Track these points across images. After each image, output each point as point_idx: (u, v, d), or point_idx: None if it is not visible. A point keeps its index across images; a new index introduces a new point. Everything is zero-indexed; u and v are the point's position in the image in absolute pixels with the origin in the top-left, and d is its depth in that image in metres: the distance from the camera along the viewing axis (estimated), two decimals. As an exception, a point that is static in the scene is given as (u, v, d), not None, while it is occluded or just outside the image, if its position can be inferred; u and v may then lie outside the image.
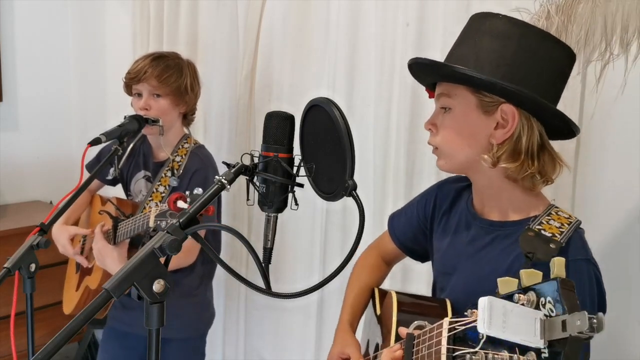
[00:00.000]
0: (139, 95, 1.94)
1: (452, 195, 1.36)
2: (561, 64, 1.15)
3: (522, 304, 0.70)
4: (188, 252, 1.91)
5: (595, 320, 0.62)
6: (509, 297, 0.71)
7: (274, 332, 2.49)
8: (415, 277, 1.94)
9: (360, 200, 0.97)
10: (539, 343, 0.65)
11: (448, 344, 0.80)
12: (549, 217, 1.14)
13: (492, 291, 0.74)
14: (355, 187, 0.97)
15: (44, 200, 3.28)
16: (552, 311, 0.66)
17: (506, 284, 0.72)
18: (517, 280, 0.72)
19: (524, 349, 0.67)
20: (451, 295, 1.26)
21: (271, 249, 1.04)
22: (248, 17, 2.35)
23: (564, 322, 0.64)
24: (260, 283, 0.98)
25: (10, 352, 1.21)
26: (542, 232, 1.10)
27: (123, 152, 1.84)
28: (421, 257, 1.49)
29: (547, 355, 0.65)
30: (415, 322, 0.95)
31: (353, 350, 1.37)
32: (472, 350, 0.71)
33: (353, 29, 2.07)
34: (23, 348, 1.30)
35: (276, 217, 1.05)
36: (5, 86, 3.09)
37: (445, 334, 0.81)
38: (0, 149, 3.09)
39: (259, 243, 1.08)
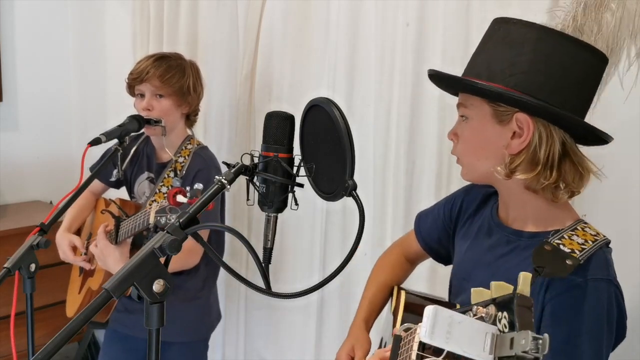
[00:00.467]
0: (142, 96, 1.94)
1: (479, 199, 1.33)
2: (586, 67, 1.09)
3: (481, 316, 0.68)
4: (191, 253, 1.90)
5: (540, 341, 0.61)
6: (468, 308, 0.70)
7: (274, 332, 2.49)
8: (414, 277, 1.94)
9: (360, 200, 0.97)
10: (487, 358, 0.64)
11: (419, 349, 0.78)
12: (573, 233, 1.10)
13: None
14: (355, 187, 0.97)
15: (44, 200, 3.28)
16: (506, 327, 0.65)
17: (480, 293, 0.71)
18: (512, 287, 0.70)
19: None
20: (464, 302, 1.23)
21: (271, 249, 1.04)
22: (248, 17, 2.35)
23: (512, 340, 0.63)
24: (260, 283, 0.98)
25: (10, 352, 1.21)
26: (561, 247, 1.06)
27: (124, 152, 1.84)
28: (444, 260, 1.45)
29: None
30: (406, 324, 0.94)
31: (360, 351, 1.36)
32: (436, 359, 0.70)
33: (353, 29, 2.06)
34: (23, 348, 1.30)
35: (276, 217, 1.05)
36: (5, 86, 3.09)
37: (417, 339, 0.80)
38: (0, 149, 3.09)
39: (259, 243, 1.08)
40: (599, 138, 1.10)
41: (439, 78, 1.20)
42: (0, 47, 3.05)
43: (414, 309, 1.22)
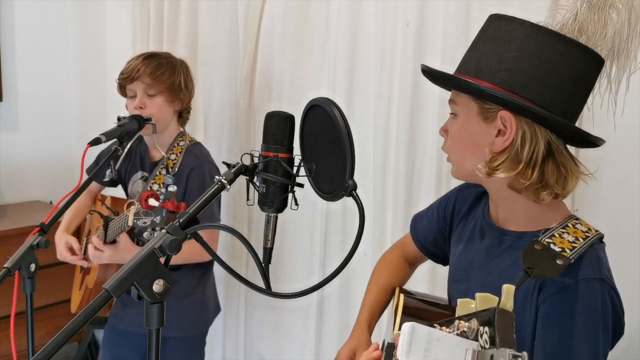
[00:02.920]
0: (133, 96, 1.94)
1: (471, 199, 1.30)
2: (576, 66, 1.04)
3: (463, 331, 0.66)
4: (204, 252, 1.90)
5: (520, 359, 0.58)
6: (450, 321, 0.67)
7: (274, 332, 2.49)
8: (416, 277, 1.94)
9: (360, 201, 0.97)
10: None
11: None
12: (564, 230, 1.07)
13: None
14: (355, 187, 0.97)
15: (44, 200, 3.28)
16: (487, 342, 0.62)
17: (465, 305, 0.69)
18: (497, 298, 0.67)
19: None
20: None
21: (271, 249, 1.04)
22: (248, 17, 2.35)
23: (492, 357, 0.60)
24: (260, 283, 0.98)
25: (10, 352, 1.21)
26: (551, 245, 1.03)
27: (122, 153, 1.84)
28: (442, 261, 1.42)
29: None
30: (397, 331, 0.90)
31: (362, 352, 1.34)
32: None
33: (353, 29, 2.06)
34: (23, 348, 1.30)
35: (276, 217, 1.05)
36: (5, 86, 3.09)
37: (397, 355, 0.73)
38: (0, 149, 3.09)
39: (259, 243, 1.08)
40: (589, 141, 1.06)
41: (431, 74, 1.18)
42: (0, 47, 3.05)
43: (412, 312, 1.20)
